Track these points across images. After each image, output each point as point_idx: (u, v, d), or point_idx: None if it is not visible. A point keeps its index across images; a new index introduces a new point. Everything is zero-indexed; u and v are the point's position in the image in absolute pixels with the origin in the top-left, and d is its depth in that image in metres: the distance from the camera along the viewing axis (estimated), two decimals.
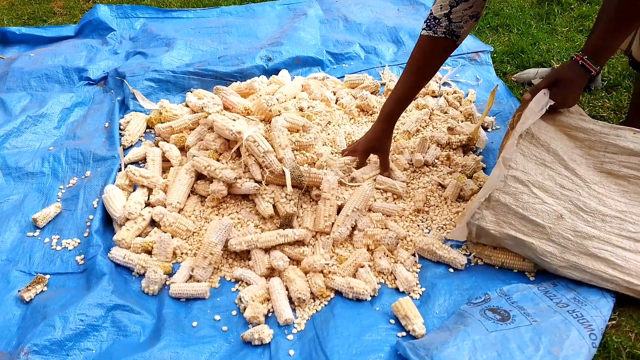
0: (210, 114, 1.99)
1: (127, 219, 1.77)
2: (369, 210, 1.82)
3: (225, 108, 2.08)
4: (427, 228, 1.81)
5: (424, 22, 1.73)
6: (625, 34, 1.57)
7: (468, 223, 1.60)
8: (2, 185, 1.98)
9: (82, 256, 1.71)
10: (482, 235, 1.62)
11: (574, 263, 1.53)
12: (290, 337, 1.48)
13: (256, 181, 1.82)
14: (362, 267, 1.64)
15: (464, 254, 1.69)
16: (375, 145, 1.92)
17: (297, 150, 1.95)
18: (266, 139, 1.85)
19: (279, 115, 1.99)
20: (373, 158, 1.99)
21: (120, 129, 2.24)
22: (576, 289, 1.55)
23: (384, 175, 1.93)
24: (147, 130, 2.27)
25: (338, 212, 1.77)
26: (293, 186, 1.78)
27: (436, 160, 2.05)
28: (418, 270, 1.67)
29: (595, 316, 1.44)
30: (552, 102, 1.59)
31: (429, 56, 1.76)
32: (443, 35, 1.69)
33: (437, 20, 1.68)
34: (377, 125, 1.90)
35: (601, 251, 1.52)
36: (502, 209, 1.57)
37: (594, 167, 1.64)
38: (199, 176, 1.91)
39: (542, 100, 1.58)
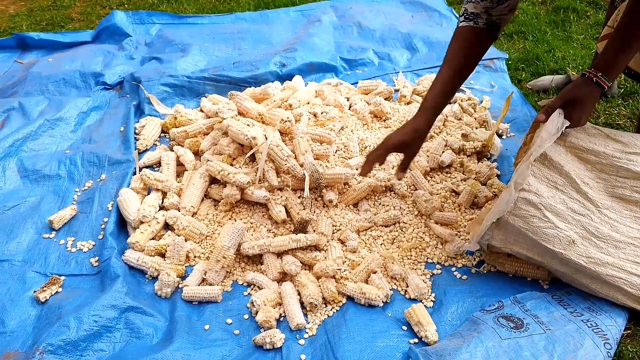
0: (225, 119, 2.01)
1: (142, 222, 1.79)
2: None
3: (240, 113, 2.10)
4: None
5: (460, 16, 1.67)
6: (635, 48, 1.55)
7: (479, 242, 1.59)
8: (19, 187, 2.01)
9: (97, 258, 1.73)
10: (495, 248, 1.60)
11: (587, 285, 1.50)
12: (301, 341, 1.48)
13: (272, 188, 1.83)
14: (374, 272, 1.64)
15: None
16: (410, 142, 1.68)
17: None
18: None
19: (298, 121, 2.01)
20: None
21: (135, 133, 2.26)
22: (590, 298, 1.53)
23: (399, 178, 1.79)
24: (162, 134, 2.29)
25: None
26: (310, 189, 1.78)
27: (449, 168, 2.04)
28: (430, 278, 1.66)
29: (610, 326, 1.42)
30: (567, 123, 1.55)
31: (470, 47, 1.66)
32: (485, 26, 1.63)
33: (476, 15, 1.63)
34: (419, 120, 1.68)
35: (615, 279, 1.47)
36: (512, 229, 1.54)
37: (605, 192, 1.58)
38: (213, 180, 1.93)
39: (557, 122, 1.54)
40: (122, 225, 1.85)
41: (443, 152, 2.05)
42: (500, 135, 2.25)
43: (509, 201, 1.51)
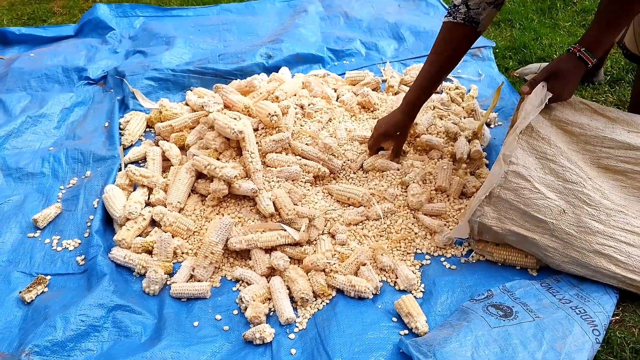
0: (211, 112, 1.98)
1: (128, 219, 1.77)
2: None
3: (226, 106, 2.07)
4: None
5: (447, 10, 1.76)
6: (620, 26, 1.57)
7: (470, 220, 1.59)
8: (2, 186, 1.98)
9: (83, 257, 1.71)
10: (484, 231, 1.61)
11: (577, 259, 1.52)
12: (292, 336, 1.48)
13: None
14: (363, 265, 1.63)
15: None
16: (393, 132, 1.92)
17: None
18: None
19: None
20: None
21: (120, 129, 2.23)
22: (579, 285, 1.54)
23: (394, 161, 1.97)
24: (147, 129, 2.26)
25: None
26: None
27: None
28: (420, 269, 1.66)
29: (598, 312, 1.44)
30: (550, 95, 1.57)
31: (450, 43, 1.77)
32: (462, 22, 1.70)
33: (456, 7, 1.70)
34: (398, 113, 1.90)
35: (605, 247, 1.50)
36: (503, 205, 1.56)
37: (591, 163, 1.61)
38: (200, 175, 1.91)
39: (540, 94, 1.56)
40: (108, 222, 1.83)
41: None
42: (488, 125, 2.25)
43: (499, 173, 1.53)
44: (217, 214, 1.84)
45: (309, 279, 1.60)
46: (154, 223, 1.81)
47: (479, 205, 1.56)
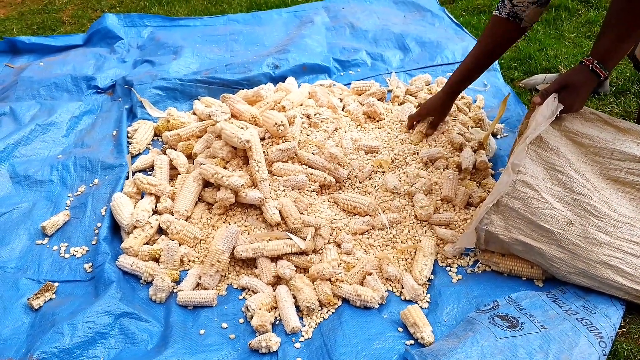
0: (218, 122, 2.00)
1: (135, 227, 1.78)
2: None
3: (233, 116, 2.09)
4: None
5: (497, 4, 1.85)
6: (633, 38, 1.56)
7: (477, 228, 1.60)
8: (11, 193, 2.00)
9: (90, 264, 1.72)
10: (491, 241, 1.61)
11: (583, 270, 1.52)
12: (297, 345, 1.48)
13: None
14: (369, 274, 1.63)
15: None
16: (433, 110, 2.10)
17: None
18: None
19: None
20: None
21: (128, 137, 2.25)
22: (585, 297, 1.54)
23: (429, 134, 2.13)
24: (155, 138, 2.28)
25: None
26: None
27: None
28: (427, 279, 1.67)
29: (605, 324, 1.43)
30: (561, 107, 1.58)
31: (494, 36, 1.86)
32: (507, 17, 1.78)
33: (503, 2, 1.79)
34: (441, 93, 2.06)
35: (611, 259, 1.50)
36: (510, 213, 1.56)
37: (600, 174, 1.62)
38: (207, 184, 1.92)
39: (552, 105, 1.57)
40: (116, 230, 1.84)
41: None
42: (494, 135, 2.25)
43: (508, 182, 1.54)
44: (223, 222, 1.85)
45: (315, 288, 1.60)
46: (161, 231, 1.83)
47: (486, 213, 1.57)
